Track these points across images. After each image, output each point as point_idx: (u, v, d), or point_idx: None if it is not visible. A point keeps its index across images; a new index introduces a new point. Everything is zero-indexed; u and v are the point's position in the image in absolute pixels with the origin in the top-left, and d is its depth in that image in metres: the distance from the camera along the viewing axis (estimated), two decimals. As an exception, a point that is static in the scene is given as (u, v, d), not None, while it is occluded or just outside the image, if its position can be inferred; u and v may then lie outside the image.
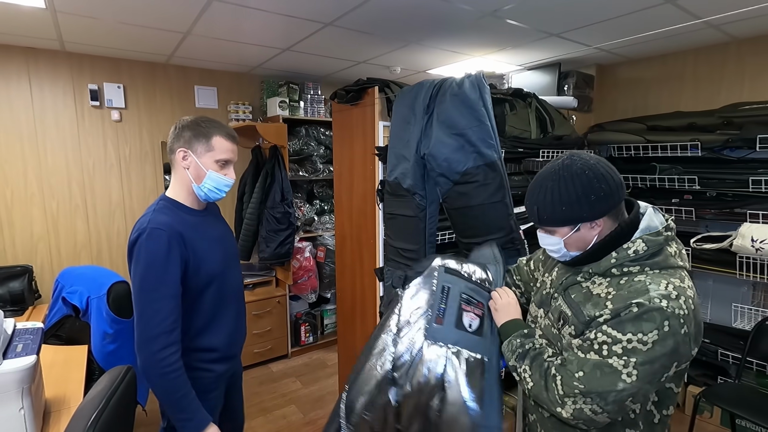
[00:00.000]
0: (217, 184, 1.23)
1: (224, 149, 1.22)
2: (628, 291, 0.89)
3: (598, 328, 0.88)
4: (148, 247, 1.13)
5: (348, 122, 2.19)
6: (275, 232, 3.00)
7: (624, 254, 0.92)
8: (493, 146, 1.39)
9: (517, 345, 1.05)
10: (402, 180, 1.55)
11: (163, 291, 1.12)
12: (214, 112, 3.24)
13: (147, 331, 1.11)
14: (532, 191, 0.99)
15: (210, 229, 1.31)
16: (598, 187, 0.90)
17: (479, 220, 1.43)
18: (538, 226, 1.01)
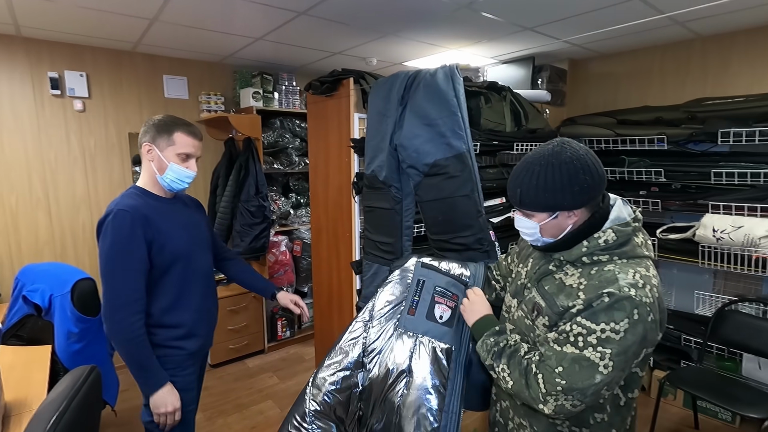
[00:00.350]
0: (178, 175, 1.34)
1: (184, 144, 1.33)
2: (598, 281, 0.91)
3: (573, 320, 0.91)
4: (113, 225, 1.23)
5: (323, 114, 2.16)
6: (250, 226, 2.95)
7: (594, 243, 0.95)
8: (462, 138, 1.40)
9: (491, 344, 1.07)
10: (378, 172, 1.54)
11: (126, 265, 1.24)
12: (184, 103, 3.14)
13: (112, 301, 1.23)
14: (517, 173, 0.99)
15: (177, 215, 1.41)
16: (583, 179, 0.91)
17: (448, 215, 1.43)
18: (517, 209, 1.03)
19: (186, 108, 3.15)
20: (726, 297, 2.46)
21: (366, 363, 1.27)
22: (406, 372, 1.21)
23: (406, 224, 1.53)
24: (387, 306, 1.32)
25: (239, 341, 3.16)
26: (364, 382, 1.26)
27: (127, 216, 1.24)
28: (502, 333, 1.08)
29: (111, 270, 1.23)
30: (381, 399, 1.21)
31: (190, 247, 1.41)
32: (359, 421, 1.25)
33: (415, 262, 1.37)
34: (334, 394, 1.25)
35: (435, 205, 1.43)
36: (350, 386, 1.25)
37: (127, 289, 1.23)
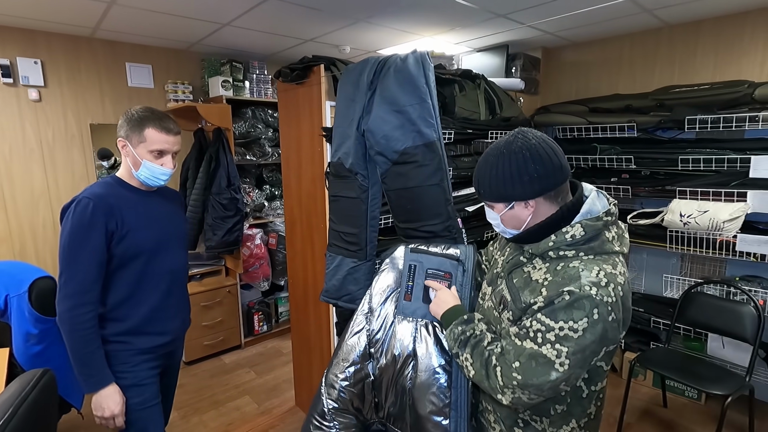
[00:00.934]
0: (152, 172, 1.31)
1: (156, 141, 1.28)
2: (562, 277, 0.91)
3: (534, 316, 0.91)
4: (75, 212, 1.22)
5: (294, 102, 2.10)
6: (222, 219, 2.87)
7: (561, 238, 0.94)
8: (432, 126, 1.37)
9: (458, 333, 1.07)
10: (344, 160, 1.50)
11: (83, 254, 1.21)
12: (149, 92, 3.01)
13: (64, 289, 1.21)
14: (478, 164, 1.01)
15: (151, 208, 1.37)
16: (532, 169, 0.91)
17: (416, 204, 1.41)
18: (481, 199, 1.04)
19: (152, 97, 3.02)
20: (692, 279, 2.55)
21: (373, 353, 1.30)
22: (412, 356, 1.24)
23: (372, 214, 1.50)
24: (384, 295, 1.33)
25: (214, 337, 3.09)
26: (375, 372, 1.30)
27: (90, 204, 1.23)
28: (469, 322, 1.08)
29: (66, 257, 1.21)
30: (392, 385, 1.25)
31: (158, 242, 1.37)
32: (376, 407, 1.31)
33: (404, 249, 1.37)
34: (348, 389, 1.29)
35: (404, 194, 1.41)
36: (362, 378, 1.30)
37: (79, 277, 1.21)
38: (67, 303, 1.21)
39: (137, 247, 1.31)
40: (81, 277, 1.21)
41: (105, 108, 2.85)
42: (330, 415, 1.27)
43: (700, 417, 2.41)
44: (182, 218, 1.54)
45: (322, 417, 1.28)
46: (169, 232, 1.41)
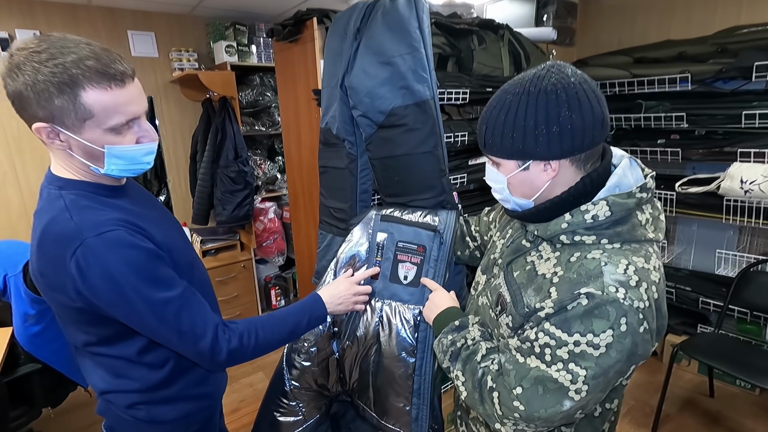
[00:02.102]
0: (131, 160, 0.80)
1: (111, 106, 0.73)
2: (577, 273, 0.69)
3: (540, 326, 0.70)
4: (112, 259, 0.74)
5: (289, 63, 1.90)
6: (231, 193, 2.77)
7: (579, 218, 0.71)
8: (426, 81, 1.13)
9: (447, 343, 0.87)
10: (332, 125, 1.31)
11: (164, 287, 0.80)
12: (154, 62, 2.89)
13: (185, 343, 0.82)
14: (489, 104, 0.76)
15: (152, 207, 0.95)
16: (566, 117, 0.67)
17: (404, 175, 1.19)
18: (484, 153, 0.80)
19: (157, 68, 2.90)
20: (751, 256, 2.21)
21: (336, 333, 1.22)
22: (375, 341, 1.16)
23: (363, 187, 1.30)
24: (350, 268, 1.20)
25: (231, 312, 3.07)
26: (338, 351, 1.22)
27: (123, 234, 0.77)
28: (461, 329, 0.88)
29: (150, 311, 0.78)
30: (356, 365, 1.19)
31: (190, 251, 0.98)
32: (341, 381, 1.24)
33: (374, 215, 1.21)
34: (311, 369, 1.20)
35: (390, 163, 1.20)
36: (326, 356, 1.22)
37: (186, 316, 0.81)
38: (205, 344, 0.83)
39: (181, 264, 0.89)
40: (187, 313, 0.81)
41: (110, 80, 2.76)
42: (293, 394, 1.19)
43: (752, 410, 2.14)
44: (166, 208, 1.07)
45: (284, 397, 1.20)
46: (184, 235, 1.00)
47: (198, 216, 2.92)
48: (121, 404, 0.88)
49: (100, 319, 0.80)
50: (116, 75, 0.73)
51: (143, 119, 0.81)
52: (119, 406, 0.88)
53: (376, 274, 1.16)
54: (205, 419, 0.99)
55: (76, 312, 0.79)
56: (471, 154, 2.13)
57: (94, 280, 0.74)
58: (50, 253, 0.76)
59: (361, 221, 1.22)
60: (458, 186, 1.96)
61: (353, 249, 1.20)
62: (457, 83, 1.87)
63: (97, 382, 0.89)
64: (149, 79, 2.89)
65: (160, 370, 0.89)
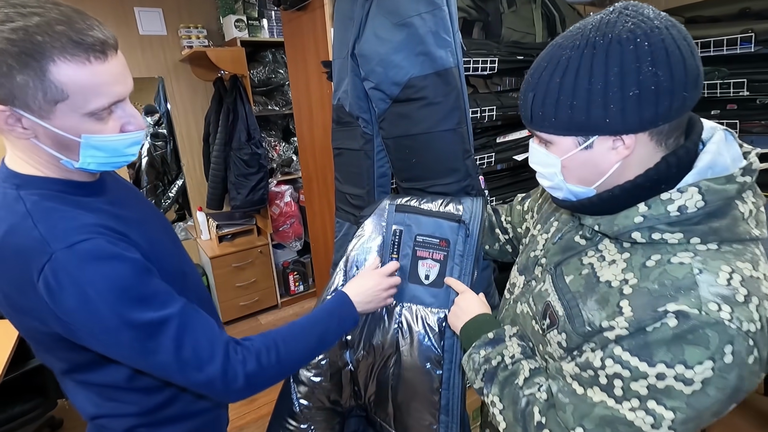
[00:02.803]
0: (112, 152, 0.65)
1: (93, 85, 0.59)
2: (659, 283, 0.52)
3: (608, 350, 0.54)
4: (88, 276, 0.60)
5: (298, 34, 1.74)
6: (245, 176, 2.67)
7: (660, 210, 0.54)
8: (449, 45, 0.95)
9: (480, 361, 0.72)
10: (344, 101, 1.15)
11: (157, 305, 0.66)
12: (162, 40, 2.77)
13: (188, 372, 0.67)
14: (535, 66, 0.59)
15: (133, 208, 0.78)
16: (649, 75, 0.49)
17: (423, 156, 1.02)
18: (530, 128, 0.63)
19: (166, 46, 2.79)
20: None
21: (349, 341, 1.07)
22: (394, 350, 1.02)
23: (380, 171, 1.15)
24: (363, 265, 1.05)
25: (249, 298, 3.02)
26: (353, 361, 1.08)
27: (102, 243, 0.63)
28: (497, 342, 0.74)
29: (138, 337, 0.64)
30: (372, 378, 1.06)
31: (179, 255, 0.85)
32: (355, 395, 1.11)
33: (387, 205, 1.06)
34: (322, 384, 1.06)
35: (407, 143, 1.03)
36: (338, 369, 1.08)
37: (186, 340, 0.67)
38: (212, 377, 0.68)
39: (169, 271, 0.75)
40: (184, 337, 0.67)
41: (118, 60, 2.67)
42: (303, 415, 1.05)
43: (814, 410, 1.93)
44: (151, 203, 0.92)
45: (293, 418, 1.05)
46: (173, 235, 0.87)
47: (212, 200, 2.84)
48: (117, 429, 0.76)
49: (80, 345, 0.67)
50: (95, 45, 0.57)
51: (128, 102, 0.66)
52: (115, 430, 0.77)
53: (396, 269, 1.02)
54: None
55: (50, 338, 0.67)
56: (499, 131, 1.95)
57: (67, 301, 0.60)
58: (12, 271, 0.61)
59: (373, 212, 1.07)
60: (484, 167, 1.79)
61: (366, 245, 1.05)
62: (484, 51, 1.68)
63: (84, 405, 0.76)
64: (158, 59, 2.78)
65: (158, 393, 0.77)
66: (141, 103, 3.12)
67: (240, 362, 0.70)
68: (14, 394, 1.65)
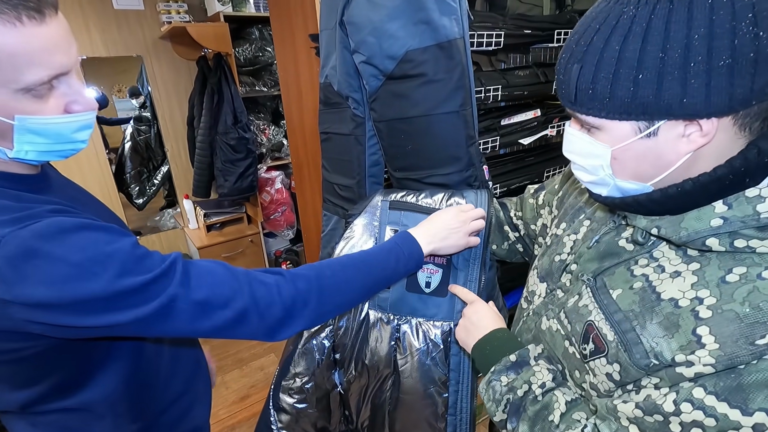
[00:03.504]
0: (56, 138, 0.54)
1: (27, 52, 0.47)
2: (752, 306, 0.41)
3: (684, 391, 0.43)
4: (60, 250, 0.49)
5: (285, 7, 1.59)
6: (232, 162, 2.52)
7: (747, 210, 0.43)
8: (455, 13, 0.80)
9: (503, 390, 0.60)
10: (332, 79, 1.01)
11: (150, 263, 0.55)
12: (139, 15, 2.58)
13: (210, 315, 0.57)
14: (580, 31, 0.46)
15: (82, 206, 0.66)
16: (749, 37, 0.37)
17: (421, 143, 0.87)
18: (570, 110, 0.50)
19: (144, 22, 2.60)
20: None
21: (339, 360, 0.94)
22: (391, 371, 0.89)
23: (372, 159, 1.01)
24: None
25: (240, 289, 2.91)
26: (342, 383, 0.96)
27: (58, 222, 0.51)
28: (521, 366, 0.62)
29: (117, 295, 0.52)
30: (366, 401, 0.94)
31: None
32: (346, 420, 0.99)
33: (380, 202, 0.93)
34: (306, 412, 0.94)
35: (402, 127, 0.89)
36: (326, 392, 0.95)
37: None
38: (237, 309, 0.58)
39: None
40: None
41: (92, 38, 2.48)
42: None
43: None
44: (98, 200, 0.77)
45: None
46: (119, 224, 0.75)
47: (199, 188, 2.69)
48: None
49: (46, 357, 0.55)
50: (29, 2, 0.45)
51: (73, 76, 0.53)
52: None
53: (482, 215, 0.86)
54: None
55: (6, 362, 0.54)
56: (504, 113, 1.81)
57: (35, 289, 0.47)
58: None
59: (364, 210, 0.94)
60: (488, 152, 1.66)
61: (355, 249, 0.91)
62: (488, 24, 1.53)
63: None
64: (136, 36, 2.59)
65: (133, 423, 0.67)
66: (125, 85, 2.94)
67: (274, 285, 0.60)
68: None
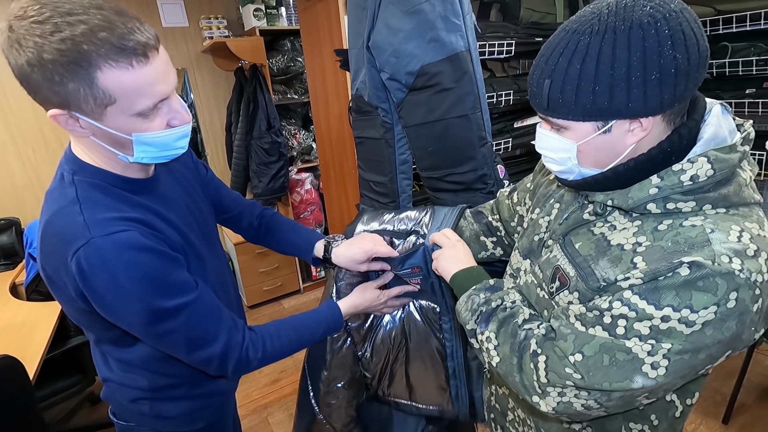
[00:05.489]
0: (162, 147, 0.69)
1: (137, 88, 0.61)
2: (673, 241, 0.55)
3: (617, 295, 0.57)
4: (121, 262, 0.65)
5: (313, 22, 1.75)
6: (265, 165, 2.72)
7: (674, 180, 0.57)
8: (459, 29, 0.94)
9: (479, 302, 0.73)
10: (363, 91, 1.16)
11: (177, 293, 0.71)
12: (185, 32, 2.83)
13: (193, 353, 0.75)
14: (546, 52, 0.58)
15: (176, 208, 0.82)
16: (669, 58, 0.51)
17: (439, 145, 1.02)
18: (543, 115, 0.63)
19: (188, 37, 2.85)
20: None
21: (361, 355, 1.13)
22: (403, 340, 1.10)
23: (401, 158, 1.16)
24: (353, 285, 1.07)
25: (273, 283, 3.11)
26: (369, 370, 1.13)
27: (135, 235, 0.67)
28: (496, 289, 0.74)
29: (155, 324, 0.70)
30: (386, 374, 1.12)
31: (210, 251, 0.88)
32: (369, 389, 1.16)
33: (362, 233, 1.06)
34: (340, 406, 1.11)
35: (424, 132, 1.04)
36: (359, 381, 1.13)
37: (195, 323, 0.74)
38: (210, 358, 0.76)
39: (199, 270, 0.81)
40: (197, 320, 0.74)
41: (143, 53, 2.74)
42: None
43: None
44: (202, 197, 0.93)
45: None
46: (203, 224, 0.89)
47: (235, 189, 2.91)
48: (125, 397, 0.85)
49: (103, 322, 0.73)
50: (137, 49, 0.59)
51: (173, 98, 0.69)
52: (123, 397, 0.85)
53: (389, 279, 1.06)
54: (213, 415, 0.94)
55: (78, 312, 0.74)
56: (516, 116, 1.91)
57: (96, 283, 0.65)
58: (51, 247, 0.68)
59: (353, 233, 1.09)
60: (501, 152, 1.77)
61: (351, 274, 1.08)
62: (500, 34, 1.65)
63: (101, 368, 0.86)
64: (181, 50, 2.85)
65: (168, 377, 0.85)
66: (167, 94, 3.21)
67: (239, 347, 0.79)
68: (57, 371, 1.77)
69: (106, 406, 0.88)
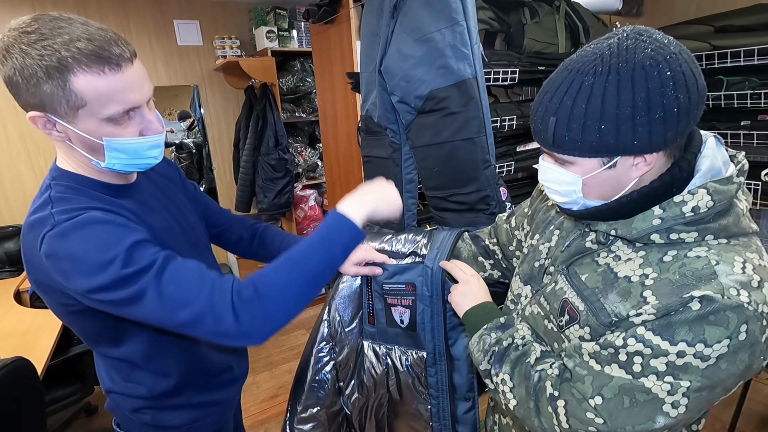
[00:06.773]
0: (133, 154, 0.71)
1: (107, 93, 0.64)
2: (680, 274, 0.57)
3: (630, 331, 0.58)
4: (79, 237, 0.65)
5: (326, 46, 1.83)
6: (272, 180, 2.77)
7: (675, 212, 0.59)
8: (468, 58, 1.00)
9: (491, 342, 0.74)
10: (372, 112, 1.21)
11: (140, 256, 0.67)
12: (199, 50, 2.92)
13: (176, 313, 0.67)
14: (551, 90, 0.60)
15: (158, 217, 0.82)
16: (672, 98, 0.53)
17: (444, 165, 1.07)
18: (547, 150, 0.64)
19: (202, 56, 2.94)
20: None
21: (343, 388, 1.10)
22: (386, 391, 1.06)
23: (407, 177, 1.20)
24: (347, 312, 1.06)
25: (273, 298, 3.11)
26: (347, 405, 1.11)
27: (94, 213, 0.68)
28: (506, 327, 0.76)
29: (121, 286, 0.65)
30: (369, 418, 1.09)
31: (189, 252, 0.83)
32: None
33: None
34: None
35: (430, 153, 1.09)
36: (334, 415, 1.11)
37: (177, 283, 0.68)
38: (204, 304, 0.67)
39: None
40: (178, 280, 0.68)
41: (158, 71, 2.83)
42: None
43: None
44: (190, 202, 0.94)
45: None
46: (189, 234, 0.89)
47: (240, 203, 2.96)
48: (127, 407, 0.86)
49: (93, 317, 0.72)
50: (111, 58, 0.64)
51: (146, 108, 0.71)
52: (125, 408, 0.86)
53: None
54: (214, 425, 0.95)
55: (68, 313, 0.73)
56: (519, 140, 1.97)
57: (62, 263, 0.64)
58: (28, 247, 0.68)
59: None
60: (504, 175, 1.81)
61: (350, 288, 1.06)
62: (505, 62, 1.71)
63: (103, 378, 0.87)
64: (194, 67, 2.94)
65: (165, 378, 0.85)
66: (176, 109, 3.30)
67: (228, 292, 0.68)
68: (57, 379, 1.78)
69: (102, 418, 0.89)
